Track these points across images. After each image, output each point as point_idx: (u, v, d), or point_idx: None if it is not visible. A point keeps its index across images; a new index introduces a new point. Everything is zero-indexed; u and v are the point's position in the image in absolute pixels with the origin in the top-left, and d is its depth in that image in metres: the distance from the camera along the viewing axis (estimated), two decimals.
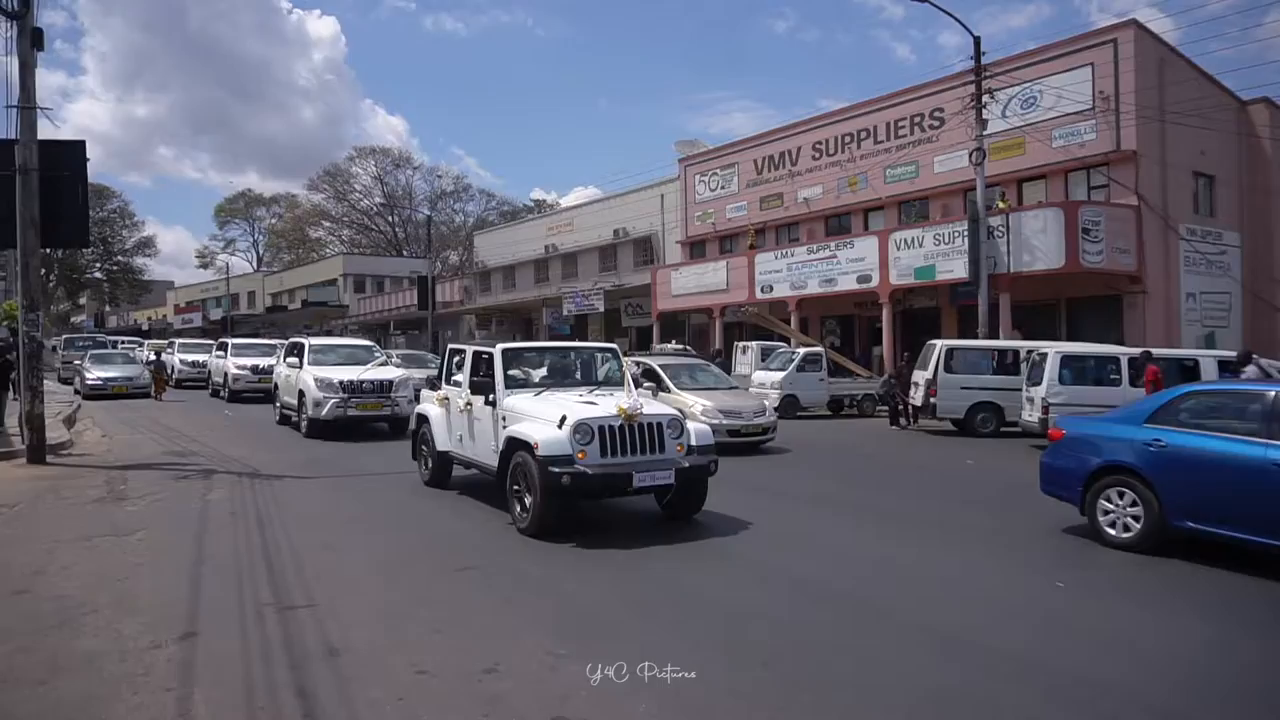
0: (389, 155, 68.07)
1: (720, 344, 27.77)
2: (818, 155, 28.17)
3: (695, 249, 32.89)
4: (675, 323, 31.68)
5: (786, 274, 25.82)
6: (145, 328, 64.78)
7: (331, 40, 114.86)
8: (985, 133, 20.71)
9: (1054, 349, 15.05)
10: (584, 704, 4.04)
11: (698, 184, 32.77)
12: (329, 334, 38.09)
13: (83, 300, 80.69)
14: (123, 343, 37.08)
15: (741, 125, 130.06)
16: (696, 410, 12.82)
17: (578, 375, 8.98)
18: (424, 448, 9.85)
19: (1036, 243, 20.22)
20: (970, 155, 20.65)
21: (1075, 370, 14.43)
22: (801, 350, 20.29)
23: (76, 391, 23.84)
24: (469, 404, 8.65)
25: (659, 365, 14.78)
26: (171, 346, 29.72)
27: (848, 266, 24.07)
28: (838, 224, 27.84)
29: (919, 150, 25.28)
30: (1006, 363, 16.99)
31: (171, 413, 19.32)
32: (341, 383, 14.28)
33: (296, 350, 16.02)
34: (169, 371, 26.32)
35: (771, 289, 26.28)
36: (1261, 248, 24.02)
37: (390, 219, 67.88)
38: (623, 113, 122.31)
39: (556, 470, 6.92)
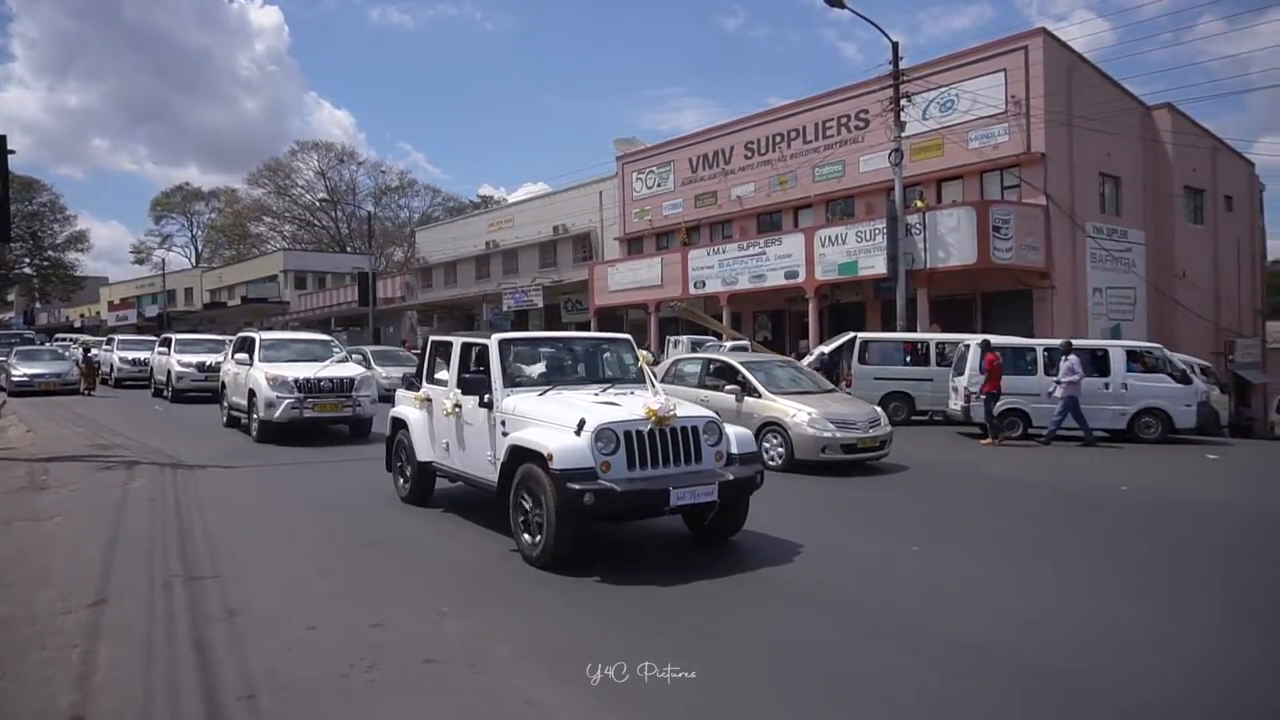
0: (332, 150, 67.72)
1: (654, 339, 28.39)
2: (750, 154, 28.95)
3: (633, 245, 33.46)
4: (613, 318, 32.19)
5: (718, 270, 26.53)
6: (78, 325, 63.16)
7: (274, 30, 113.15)
8: (906, 134, 21.59)
9: (975, 341, 15.92)
10: (455, 649, 4.56)
11: (635, 181, 33.35)
12: (269, 330, 37.80)
13: (11, 296, 78.26)
14: (58, 340, 36.31)
15: (692, 121, 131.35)
16: (801, 420, 10.83)
17: (582, 371, 7.80)
18: (401, 458, 8.56)
19: (951, 240, 21.19)
20: (890, 156, 21.50)
21: None
22: (728, 343, 21.00)
23: (1, 389, 23.48)
24: (458, 406, 7.44)
25: (740, 363, 12.39)
26: (111, 343, 29.12)
27: (776, 263, 24.85)
28: (769, 221, 28.65)
29: (845, 150, 26.18)
30: (919, 354, 17.91)
31: (101, 408, 19.24)
32: (297, 381, 13.04)
33: (246, 346, 14.79)
34: (110, 369, 25.96)
35: (704, 285, 26.97)
36: (1164, 245, 25.42)
37: (333, 215, 67.29)
38: (573, 108, 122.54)
39: (577, 487, 5.77)
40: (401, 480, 8.57)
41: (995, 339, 16.71)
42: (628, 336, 8.29)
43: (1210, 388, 17.26)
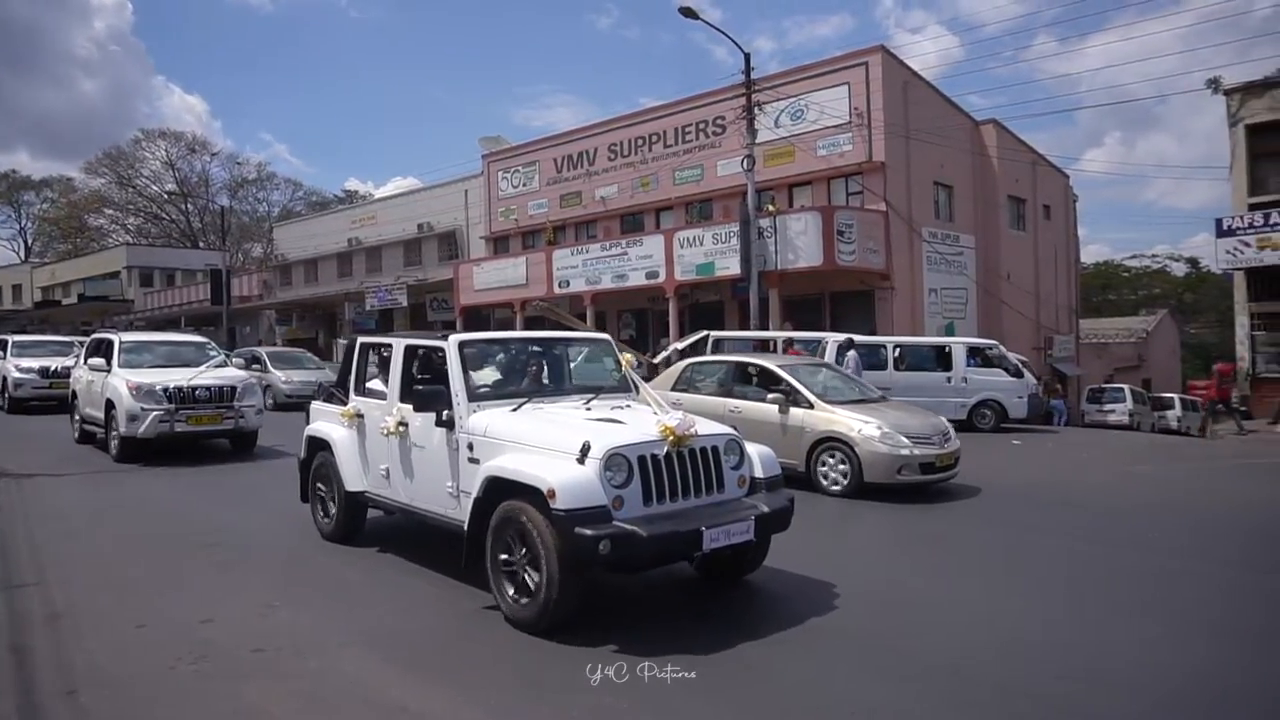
0: (182, 139, 63.97)
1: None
2: (613, 156, 29.56)
3: (499, 244, 33.51)
4: (479, 317, 32.12)
5: (582, 270, 26.99)
6: None
7: (115, 7, 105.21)
8: (759, 141, 22.64)
9: (830, 338, 16.96)
10: (283, 639, 4.78)
11: (501, 180, 33.40)
12: (112, 329, 35.57)
13: None
14: None
15: (564, 119, 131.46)
16: (871, 434, 9.11)
17: (553, 379, 6.39)
18: (323, 487, 7.07)
19: (799, 243, 22.41)
20: (742, 162, 22.51)
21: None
22: None
23: None
24: (403, 424, 6.06)
25: (779, 367, 10.50)
26: None
27: (637, 263, 25.53)
28: (633, 222, 29.32)
29: (704, 154, 27.15)
30: (768, 350, 18.91)
31: None
32: (166, 390, 11.31)
33: (103, 349, 12.80)
34: None
35: (569, 284, 27.38)
36: (991, 249, 27.67)
37: (184, 208, 63.69)
38: (444, 102, 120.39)
39: (589, 533, 4.52)
40: (323, 514, 7.08)
41: (854, 337, 17.98)
42: (607, 336, 7.05)
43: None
